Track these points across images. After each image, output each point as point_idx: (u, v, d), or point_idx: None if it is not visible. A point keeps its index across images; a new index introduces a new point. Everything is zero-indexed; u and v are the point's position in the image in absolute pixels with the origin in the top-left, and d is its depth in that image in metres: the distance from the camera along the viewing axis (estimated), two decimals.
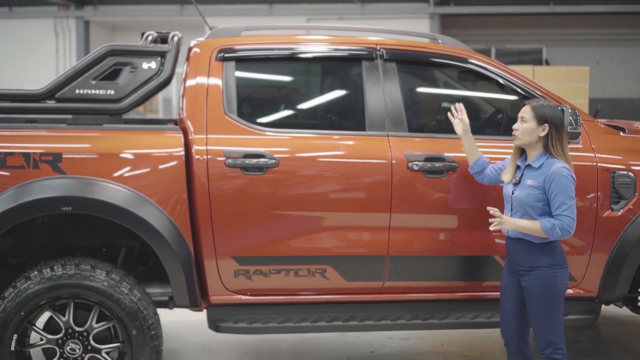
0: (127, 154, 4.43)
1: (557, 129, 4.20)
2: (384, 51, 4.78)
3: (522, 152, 4.32)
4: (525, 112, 4.23)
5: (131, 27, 19.04)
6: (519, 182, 4.24)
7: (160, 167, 4.44)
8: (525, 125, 4.21)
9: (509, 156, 4.41)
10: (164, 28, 5.16)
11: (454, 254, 4.72)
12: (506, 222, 4.15)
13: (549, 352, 4.21)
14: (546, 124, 4.19)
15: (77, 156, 4.37)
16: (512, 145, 4.36)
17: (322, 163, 4.60)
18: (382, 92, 4.70)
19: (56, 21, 18.43)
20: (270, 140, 4.56)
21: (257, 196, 4.50)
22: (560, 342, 4.21)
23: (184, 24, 4.91)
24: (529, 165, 4.24)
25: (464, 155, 4.63)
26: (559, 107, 4.48)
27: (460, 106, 4.59)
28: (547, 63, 19.10)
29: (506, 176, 4.33)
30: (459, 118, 4.57)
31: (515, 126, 4.26)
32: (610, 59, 19.65)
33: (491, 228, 4.23)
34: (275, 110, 5.13)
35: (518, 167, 4.31)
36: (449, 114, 4.64)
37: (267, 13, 17.35)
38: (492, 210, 4.18)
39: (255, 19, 16.10)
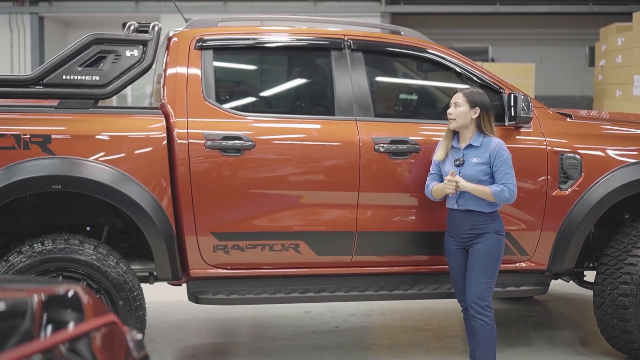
0: (112, 136, 4.71)
1: (486, 111, 4.73)
2: (351, 42, 5.13)
3: (453, 135, 4.79)
4: (458, 98, 4.74)
5: (85, 24, 19.11)
6: (463, 162, 4.69)
7: (144, 148, 4.73)
8: (460, 109, 4.70)
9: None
10: (118, 25, 5.38)
11: (416, 230, 5.09)
12: (460, 183, 4.61)
13: (478, 308, 4.65)
14: (477, 107, 4.70)
15: (65, 137, 4.64)
16: None
17: (295, 145, 4.93)
18: (350, 80, 5.04)
19: (11, 17, 18.45)
20: (247, 124, 4.87)
21: (235, 176, 4.81)
22: (490, 302, 4.70)
23: (139, 21, 5.06)
24: (469, 146, 4.72)
25: (426, 138, 5.02)
26: (513, 94, 4.96)
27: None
28: (493, 61, 19.70)
29: (440, 153, 4.79)
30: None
31: (449, 111, 4.74)
32: (553, 58, 20.34)
33: (447, 189, 4.65)
34: (251, 95, 5.46)
35: (457, 149, 4.74)
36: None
37: (221, 10, 17.61)
38: (450, 176, 4.63)
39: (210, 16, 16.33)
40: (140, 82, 5.57)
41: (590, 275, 5.68)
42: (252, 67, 5.60)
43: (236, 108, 4.99)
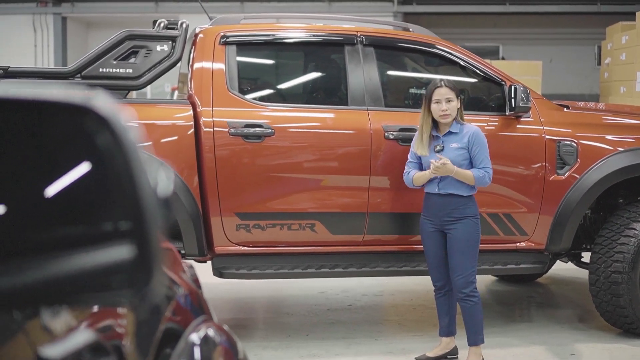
0: (145, 123, 5.15)
1: (461, 100, 5.02)
2: (363, 37, 5.56)
3: (431, 127, 4.97)
4: (449, 94, 4.91)
5: (106, 24, 19.65)
6: (443, 148, 4.93)
7: (174, 135, 5.17)
8: (453, 104, 4.93)
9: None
10: (138, 25, 5.78)
11: None
12: (448, 166, 4.78)
13: (468, 291, 4.89)
14: (459, 97, 4.96)
15: None
16: (472, 117, 5.20)
17: (311, 132, 5.36)
18: (362, 73, 5.47)
19: (34, 17, 19.05)
20: (267, 113, 5.31)
21: (256, 160, 5.24)
22: (475, 282, 4.94)
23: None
24: (449, 132, 4.94)
25: None
26: (513, 86, 5.36)
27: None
28: (504, 60, 20.09)
29: (423, 149, 4.96)
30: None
31: (444, 107, 4.89)
32: (563, 57, 20.69)
33: (432, 170, 4.84)
34: (271, 87, 5.91)
35: (436, 137, 4.98)
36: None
37: (238, 10, 18.06)
38: (439, 157, 4.83)
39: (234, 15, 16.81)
40: (159, 80, 6.00)
41: (587, 257, 6.06)
42: (271, 61, 6.05)
43: (257, 98, 5.43)
